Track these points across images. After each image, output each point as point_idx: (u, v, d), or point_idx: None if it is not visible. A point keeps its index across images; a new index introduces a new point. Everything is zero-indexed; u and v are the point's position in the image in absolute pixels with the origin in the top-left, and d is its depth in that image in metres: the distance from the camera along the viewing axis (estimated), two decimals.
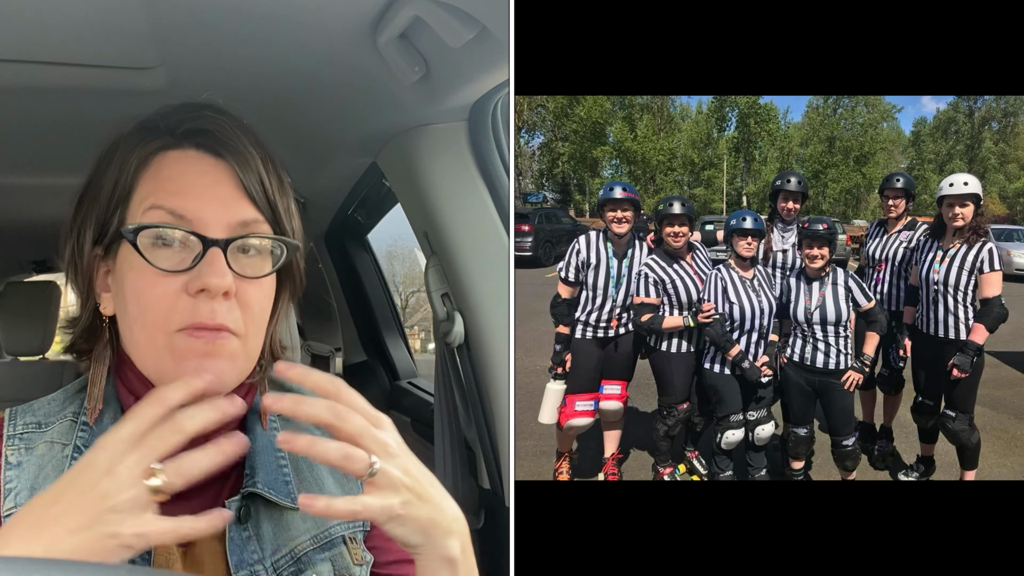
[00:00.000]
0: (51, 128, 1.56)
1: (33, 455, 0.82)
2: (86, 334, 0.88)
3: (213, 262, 0.78)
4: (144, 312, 0.79)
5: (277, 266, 0.84)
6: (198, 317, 0.77)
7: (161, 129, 0.84)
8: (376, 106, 1.53)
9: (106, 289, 0.85)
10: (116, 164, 0.84)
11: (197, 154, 0.83)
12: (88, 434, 0.84)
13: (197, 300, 0.77)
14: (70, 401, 0.88)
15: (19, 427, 0.85)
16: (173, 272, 0.78)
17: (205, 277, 0.77)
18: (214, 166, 0.83)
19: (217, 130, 0.83)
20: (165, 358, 0.79)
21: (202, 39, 1.23)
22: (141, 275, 0.79)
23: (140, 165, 0.82)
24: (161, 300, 0.78)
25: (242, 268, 0.81)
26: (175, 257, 0.78)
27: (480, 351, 1.61)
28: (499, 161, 1.63)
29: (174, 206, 0.79)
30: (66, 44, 1.21)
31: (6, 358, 2.99)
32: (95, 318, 0.87)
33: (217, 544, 0.81)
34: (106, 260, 0.85)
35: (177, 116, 0.85)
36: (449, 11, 1.10)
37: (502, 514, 1.62)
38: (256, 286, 0.82)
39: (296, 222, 0.89)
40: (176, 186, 0.81)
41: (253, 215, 0.83)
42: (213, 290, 0.77)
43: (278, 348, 0.93)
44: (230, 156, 0.83)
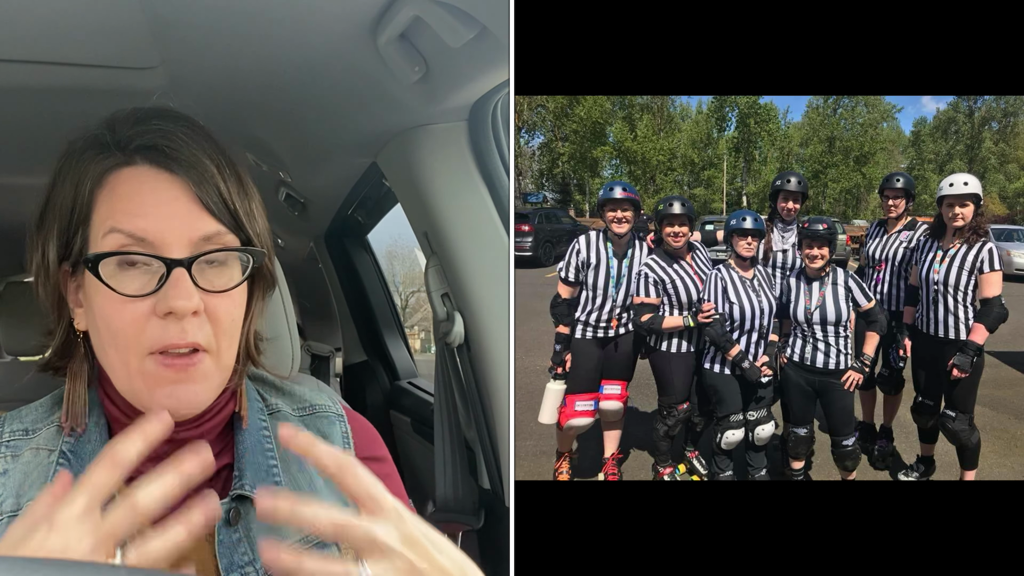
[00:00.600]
0: (51, 128, 1.56)
1: (19, 462, 0.82)
2: (62, 350, 0.86)
3: (178, 284, 0.76)
4: (115, 336, 0.78)
5: (245, 276, 0.83)
6: (168, 339, 0.76)
7: (111, 145, 0.81)
8: (376, 106, 1.53)
9: (78, 304, 0.84)
10: (71, 182, 0.82)
11: (151, 170, 0.80)
12: (74, 441, 0.83)
13: (166, 322, 0.76)
14: (56, 407, 0.87)
15: (6, 434, 0.84)
16: (139, 297, 0.77)
17: (171, 300, 0.76)
18: (169, 182, 0.80)
19: (168, 144, 0.81)
20: (138, 382, 0.79)
21: (202, 39, 1.23)
22: (108, 301, 0.77)
23: (95, 185, 0.80)
24: (130, 325, 0.77)
25: (209, 283, 0.79)
26: (139, 280, 0.77)
27: (480, 351, 1.61)
28: (499, 161, 1.63)
29: (133, 228, 0.77)
30: (66, 44, 1.21)
31: (6, 358, 2.99)
32: (70, 333, 0.85)
33: (207, 546, 0.81)
34: (75, 277, 0.83)
35: (127, 130, 0.82)
36: (449, 11, 1.10)
37: (502, 514, 1.62)
38: (225, 299, 0.81)
39: (261, 223, 0.87)
40: (133, 206, 0.79)
41: (215, 228, 0.80)
42: (179, 312, 0.76)
43: (254, 346, 0.92)
44: (184, 171, 0.80)
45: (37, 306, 0.88)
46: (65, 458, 0.82)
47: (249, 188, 0.87)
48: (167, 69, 1.33)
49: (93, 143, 0.83)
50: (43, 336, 0.88)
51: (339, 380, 3.50)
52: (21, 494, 0.80)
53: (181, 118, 0.85)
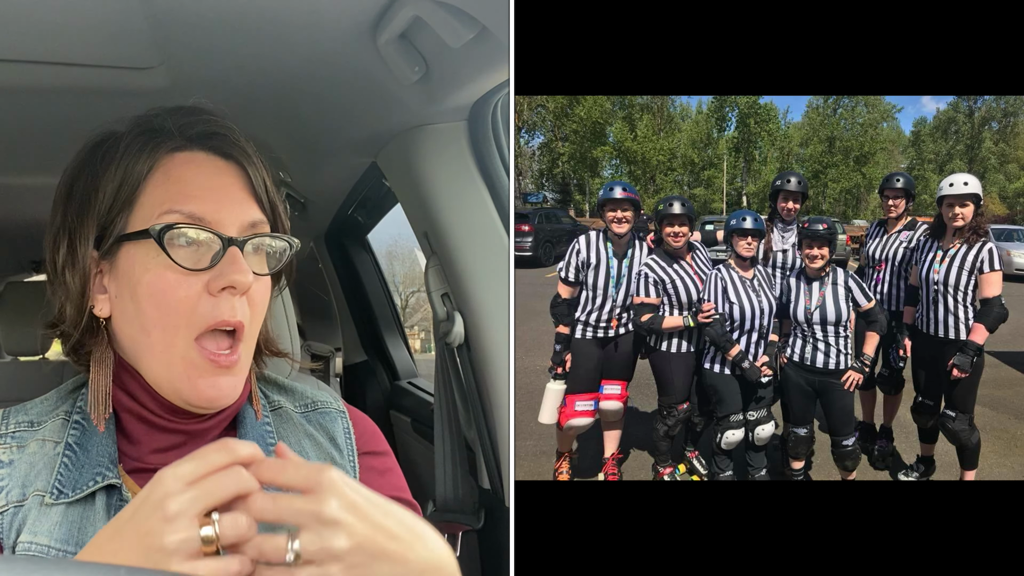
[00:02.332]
0: (51, 128, 1.56)
1: (25, 453, 0.83)
2: (84, 337, 0.87)
3: (235, 260, 0.80)
4: (166, 314, 0.79)
5: (285, 259, 0.87)
6: (220, 315, 0.79)
7: (169, 131, 0.85)
8: (376, 106, 1.53)
9: (101, 291, 0.85)
10: (118, 166, 0.83)
11: (207, 156, 0.84)
12: (79, 432, 0.84)
13: (219, 299, 0.79)
14: (63, 400, 0.89)
15: (11, 426, 0.85)
16: (195, 271, 0.79)
17: (230, 275, 0.79)
18: (224, 168, 0.84)
19: (226, 133, 0.85)
20: (178, 368, 0.80)
21: (202, 39, 1.23)
22: (161, 276, 0.79)
23: (147, 169, 0.83)
24: (183, 301, 0.79)
25: (253, 267, 0.83)
26: (195, 258, 0.80)
27: (480, 351, 1.61)
28: (499, 161, 1.63)
29: (192, 209, 0.80)
30: (66, 44, 1.20)
31: (6, 358, 2.99)
32: (92, 320, 0.86)
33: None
34: (102, 262, 0.85)
35: (183, 119, 0.86)
36: (449, 11, 1.10)
37: (502, 514, 1.62)
38: (262, 283, 0.85)
39: (286, 219, 0.92)
40: (189, 189, 0.82)
41: (259, 216, 0.85)
42: (240, 287, 0.79)
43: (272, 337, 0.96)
44: (239, 159, 0.85)
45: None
46: (71, 449, 0.83)
47: (280, 189, 0.91)
48: (167, 69, 1.33)
49: (146, 130, 0.85)
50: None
51: (339, 380, 3.50)
52: (27, 484, 0.81)
53: (223, 115, 0.89)
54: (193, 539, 0.60)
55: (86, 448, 0.83)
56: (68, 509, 0.80)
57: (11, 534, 0.78)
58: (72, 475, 0.81)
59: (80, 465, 0.82)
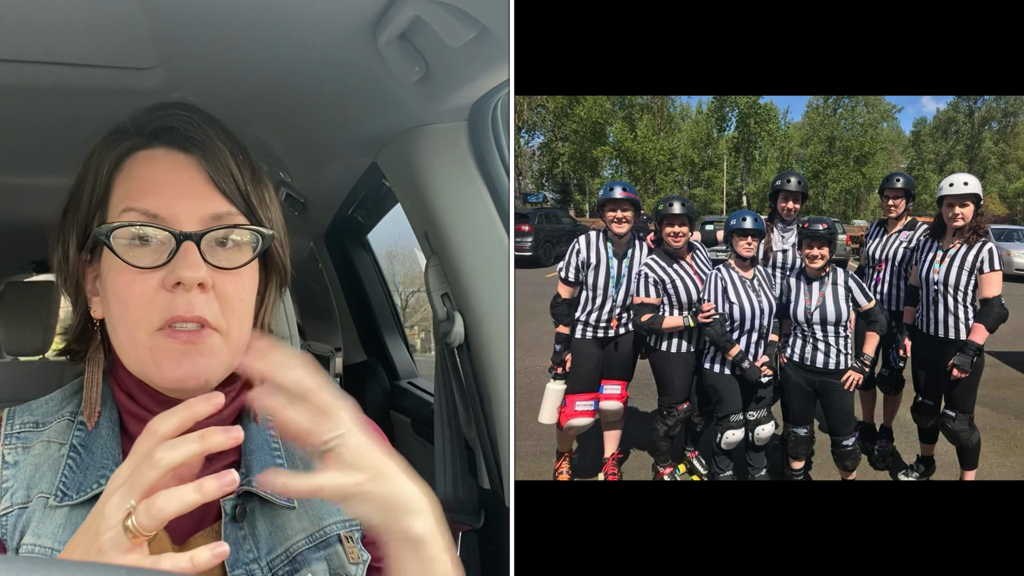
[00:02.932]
0: (51, 128, 1.56)
1: (30, 454, 0.83)
2: (79, 337, 0.89)
3: (186, 255, 0.79)
4: (126, 311, 0.80)
5: (256, 254, 0.85)
6: (175, 310, 0.78)
7: (130, 131, 0.85)
8: (376, 106, 1.53)
9: (95, 293, 0.86)
10: (91, 170, 0.85)
11: (165, 152, 0.84)
12: (84, 434, 0.84)
13: (174, 294, 0.79)
14: (67, 401, 0.89)
15: (16, 426, 0.85)
16: (149, 269, 0.79)
17: (179, 270, 0.78)
18: (182, 162, 0.83)
19: (182, 126, 0.84)
20: (146, 358, 0.80)
21: (202, 39, 1.23)
22: (120, 275, 0.80)
23: (112, 169, 0.84)
24: (139, 298, 0.79)
25: (219, 260, 0.82)
26: (151, 255, 0.80)
27: (480, 351, 1.61)
28: (499, 161, 1.62)
29: (147, 206, 0.80)
30: (66, 44, 1.20)
31: (6, 358, 2.99)
32: (87, 321, 0.88)
33: (212, 542, 0.82)
34: (92, 265, 0.86)
35: (145, 117, 0.86)
36: (449, 11, 1.10)
37: (502, 514, 1.62)
38: (234, 277, 0.83)
39: (274, 211, 0.90)
40: (147, 186, 0.82)
41: (226, 208, 0.83)
42: (187, 282, 0.78)
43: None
44: (197, 151, 0.83)
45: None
46: (76, 451, 0.83)
47: (263, 177, 0.89)
48: (167, 69, 1.33)
49: (113, 131, 0.87)
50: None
51: (339, 380, 3.50)
52: (32, 485, 0.81)
53: (198, 110, 0.88)
54: (119, 535, 0.62)
55: (90, 450, 0.83)
56: (72, 511, 0.80)
57: (15, 536, 0.79)
58: (76, 477, 0.81)
59: (84, 467, 0.82)
